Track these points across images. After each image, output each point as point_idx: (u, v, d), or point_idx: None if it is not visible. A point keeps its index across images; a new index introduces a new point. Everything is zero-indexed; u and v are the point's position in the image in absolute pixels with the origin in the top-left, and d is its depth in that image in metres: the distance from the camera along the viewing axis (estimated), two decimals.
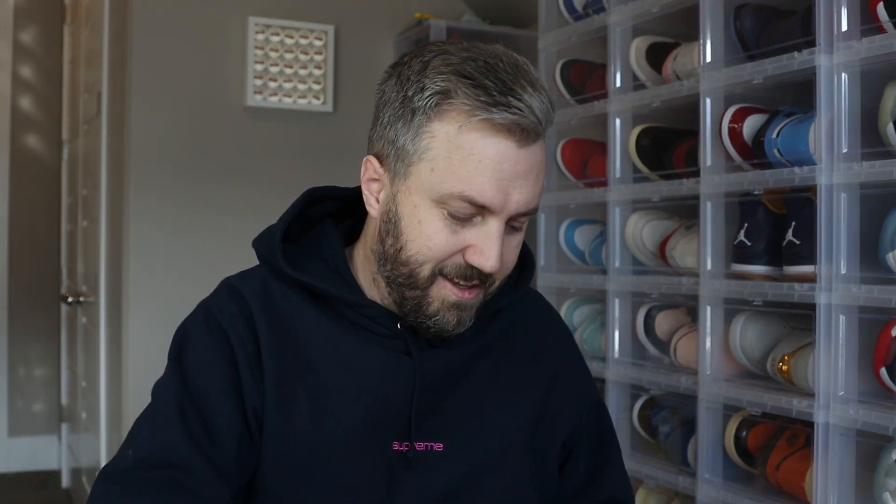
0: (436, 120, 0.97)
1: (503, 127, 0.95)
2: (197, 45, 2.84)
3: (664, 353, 2.04)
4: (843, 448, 1.58)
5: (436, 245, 0.99)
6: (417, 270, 1.01)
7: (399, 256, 1.01)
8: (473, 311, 1.04)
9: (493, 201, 0.96)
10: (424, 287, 1.01)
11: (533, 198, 1.00)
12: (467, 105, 0.95)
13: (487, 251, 0.98)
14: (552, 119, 0.99)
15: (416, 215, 0.99)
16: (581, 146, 2.31)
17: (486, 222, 0.98)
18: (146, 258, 2.78)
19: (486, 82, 0.95)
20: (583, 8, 2.26)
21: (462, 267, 1.00)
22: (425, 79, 0.98)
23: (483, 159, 0.96)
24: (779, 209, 1.75)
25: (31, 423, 4.49)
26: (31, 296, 4.48)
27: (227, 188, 2.85)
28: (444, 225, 0.98)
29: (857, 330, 1.58)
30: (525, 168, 0.98)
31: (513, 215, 0.99)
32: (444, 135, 0.97)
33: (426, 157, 0.98)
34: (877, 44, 1.51)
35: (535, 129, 0.97)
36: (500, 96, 0.95)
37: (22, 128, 4.49)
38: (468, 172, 0.96)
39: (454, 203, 0.97)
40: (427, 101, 0.97)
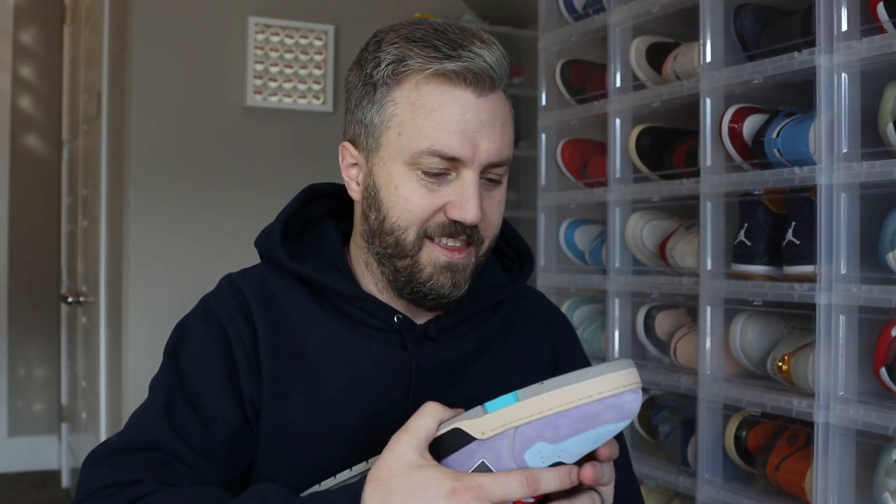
0: (395, 87, 1.00)
1: (457, 76, 0.98)
2: (197, 45, 2.84)
3: (664, 353, 2.04)
4: (843, 448, 1.58)
5: (415, 206, 1.01)
6: (403, 237, 1.02)
7: (383, 227, 1.03)
8: (468, 274, 1.05)
9: (462, 151, 0.99)
10: (413, 253, 1.03)
11: (502, 147, 1.01)
12: (420, 63, 0.99)
13: (466, 203, 1.00)
14: (507, 72, 1.02)
15: (391, 182, 1.02)
16: (581, 146, 2.31)
17: (461, 176, 1.00)
18: (146, 258, 2.78)
19: (435, 42, 0.99)
20: (583, 8, 2.26)
21: (446, 225, 1.02)
22: (380, 52, 1.02)
23: (445, 112, 0.98)
24: (779, 209, 1.75)
25: (31, 423, 4.49)
26: (31, 296, 4.48)
27: (227, 188, 2.85)
28: (420, 185, 1.00)
29: (857, 330, 1.58)
30: (488, 117, 1.00)
31: (485, 166, 1.01)
32: (406, 98, 1.00)
33: (392, 123, 1.01)
34: (877, 44, 1.51)
35: (490, 77, 0.99)
36: (451, 50, 0.98)
37: (22, 128, 4.49)
38: (433, 128, 0.98)
39: (425, 160, 0.99)
40: (384, 71, 1.01)
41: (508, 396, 0.86)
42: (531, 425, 0.84)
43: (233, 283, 1.10)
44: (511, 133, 1.04)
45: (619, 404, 0.83)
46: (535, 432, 0.84)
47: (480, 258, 1.07)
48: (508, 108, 1.05)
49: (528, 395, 0.85)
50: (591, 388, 0.83)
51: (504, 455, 0.84)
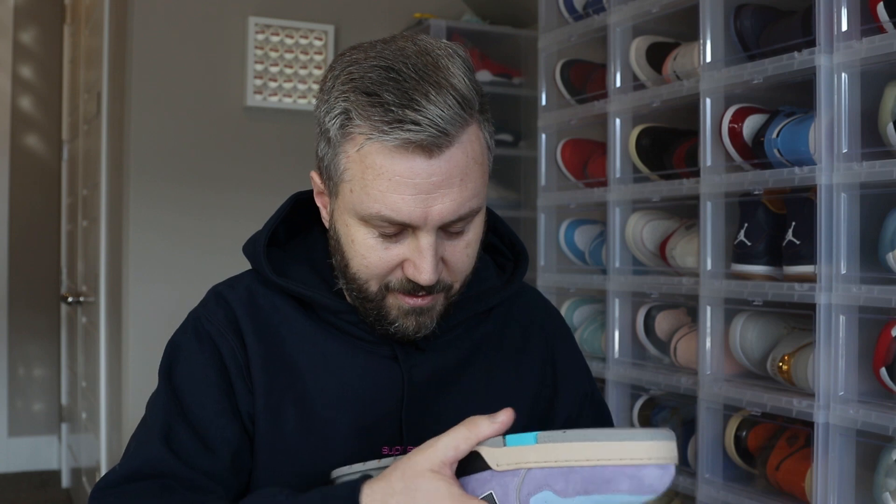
0: (345, 140, 0.95)
1: (401, 148, 0.92)
2: (197, 45, 2.84)
3: (664, 353, 2.04)
4: (843, 448, 1.58)
5: (371, 263, 0.98)
6: (365, 286, 1.00)
7: (346, 273, 1.02)
8: (435, 315, 1.02)
9: (412, 217, 0.94)
10: (378, 300, 1.01)
11: (460, 204, 0.95)
12: (363, 127, 0.93)
13: (420, 265, 0.96)
14: (468, 112, 0.94)
15: (349, 234, 0.99)
16: (581, 146, 2.31)
17: (417, 236, 0.96)
18: (146, 258, 2.78)
19: (384, 97, 0.91)
20: (583, 8, 2.26)
21: (404, 281, 0.98)
22: (331, 98, 0.96)
23: (392, 177, 0.93)
24: (779, 209, 1.75)
25: (31, 423, 4.49)
26: (31, 296, 4.48)
27: (227, 188, 2.85)
28: (377, 243, 0.97)
29: (857, 330, 1.58)
30: (442, 178, 0.93)
31: (443, 224, 0.96)
32: (356, 154, 0.94)
33: (345, 177, 0.96)
34: (877, 44, 1.51)
35: (438, 142, 0.91)
36: (398, 111, 0.90)
37: (22, 128, 4.49)
38: (380, 192, 0.93)
39: (376, 222, 0.95)
40: (334, 123, 0.96)
41: (529, 435, 0.83)
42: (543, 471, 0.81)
43: (220, 294, 1.08)
44: (478, 178, 0.97)
45: (638, 476, 0.77)
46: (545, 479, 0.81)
47: (453, 297, 1.04)
48: (475, 148, 0.96)
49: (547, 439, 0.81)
50: (612, 451, 0.78)
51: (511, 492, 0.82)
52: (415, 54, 0.94)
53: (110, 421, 3.03)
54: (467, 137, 0.95)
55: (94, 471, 3.21)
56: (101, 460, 3.06)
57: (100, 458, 3.07)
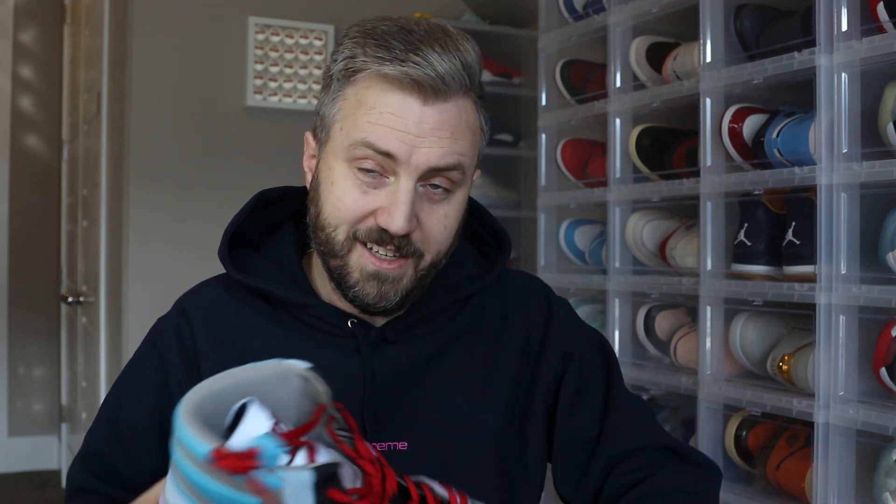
0: (346, 84, 0.98)
1: (398, 81, 0.94)
2: (197, 45, 2.84)
3: (664, 353, 2.04)
4: (843, 448, 1.58)
5: (344, 206, 0.98)
6: (333, 234, 0.99)
7: (318, 222, 1.01)
8: (400, 287, 1.00)
9: (397, 150, 0.94)
10: (343, 254, 1.00)
11: (447, 154, 0.96)
12: (369, 63, 0.96)
13: (394, 211, 0.95)
14: (468, 80, 0.96)
15: (330, 177, 0.99)
16: (581, 146, 2.31)
17: (397, 182, 0.96)
18: (146, 258, 2.78)
19: (391, 42, 0.95)
20: (583, 8, 2.26)
21: (374, 231, 0.97)
22: (340, 46, 1.00)
23: (384, 111, 0.95)
24: (779, 209, 1.75)
25: (31, 423, 4.49)
26: (31, 296, 4.48)
27: (227, 188, 2.85)
28: (354, 184, 0.97)
29: (857, 330, 1.58)
30: (432, 126, 0.95)
31: (425, 172, 0.96)
32: (353, 95, 0.97)
33: (338, 117, 0.98)
34: (877, 44, 1.51)
35: (435, 86, 0.94)
36: (401, 53, 0.94)
37: (22, 128, 4.49)
38: (369, 123, 0.95)
39: (359, 152, 0.96)
40: (339, 66, 0.98)
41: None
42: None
43: (181, 304, 1.10)
44: (467, 141, 0.98)
45: None
46: None
47: (422, 272, 1.01)
48: (470, 117, 0.98)
49: None
50: None
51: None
52: (427, 22, 0.99)
53: None
54: (464, 103, 0.97)
55: None
56: None
57: None
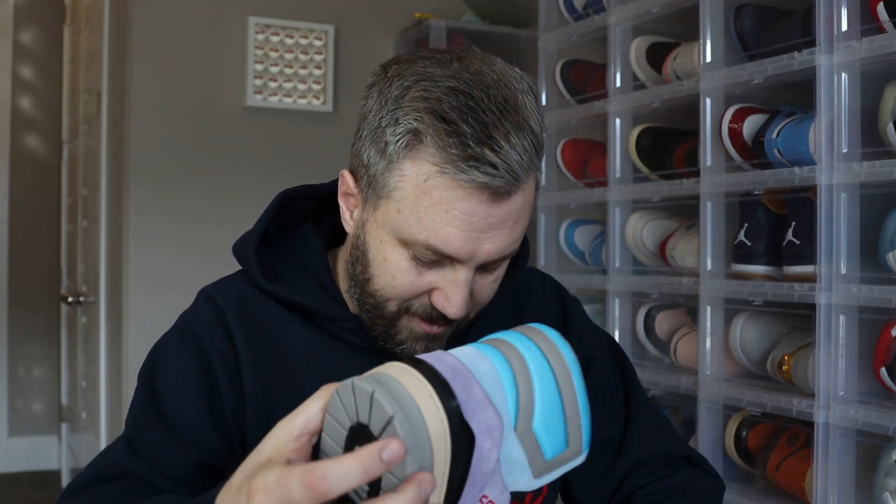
0: (406, 159, 0.90)
1: (470, 184, 0.88)
2: (197, 45, 2.84)
3: (664, 353, 2.04)
4: (843, 448, 1.58)
5: (400, 285, 0.95)
6: (384, 304, 0.97)
7: (367, 287, 0.98)
8: (444, 341, 1.00)
9: (460, 253, 0.91)
10: (392, 319, 0.98)
11: (507, 246, 0.93)
12: (436, 156, 0.88)
13: (452, 297, 0.93)
14: (539, 162, 0.92)
15: (381, 251, 0.95)
16: (581, 146, 2.31)
17: (454, 267, 0.93)
18: (146, 258, 2.78)
19: (462, 128, 0.87)
20: (583, 8, 2.26)
21: (428, 307, 0.96)
22: (400, 111, 0.90)
23: (451, 210, 0.89)
24: (779, 209, 1.75)
25: (31, 423, 4.49)
26: (31, 296, 4.48)
27: (227, 188, 2.85)
28: (410, 266, 0.94)
29: (857, 330, 1.58)
30: (499, 220, 0.91)
31: (484, 263, 0.94)
32: (414, 177, 0.90)
33: (394, 195, 0.92)
34: (877, 44, 1.51)
35: (508, 187, 0.89)
36: (475, 147, 0.86)
37: (22, 128, 4.49)
38: (434, 222, 0.89)
39: (418, 250, 0.92)
40: (399, 139, 0.90)
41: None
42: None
43: (209, 296, 1.04)
44: (527, 220, 0.95)
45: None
46: None
47: (464, 324, 1.02)
48: (531, 193, 0.94)
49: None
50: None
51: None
52: (494, 84, 0.90)
53: (110, 421, 3.03)
54: (530, 182, 0.93)
55: None
56: None
57: None
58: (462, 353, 0.75)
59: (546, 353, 0.79)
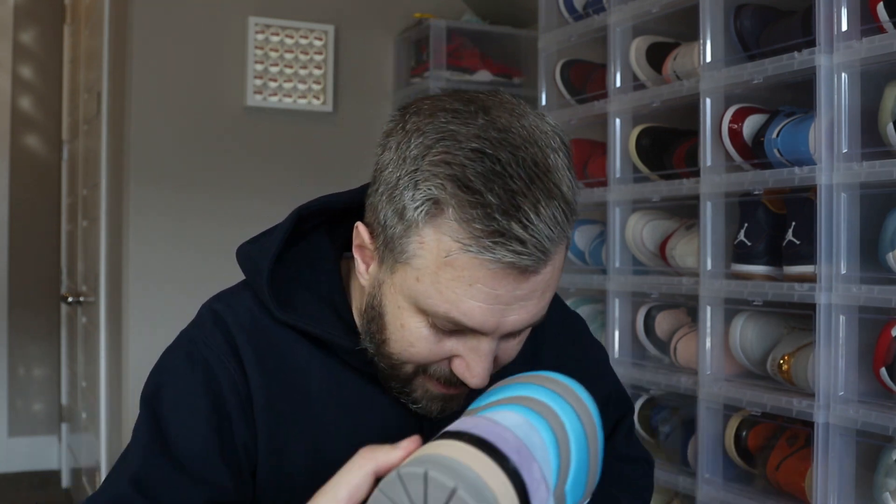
0: (426, 227, 0.83)
1: (497, 267, 0.81)
2: (197, 45, 2.84)
3: (664, 353, 2.04)
4: (843, 448, 1.58)
5: (418, 353, 0.89)
6: (399, 366, 0.92)
7: (382, 348, 0.92)
8: (462, 399, 0.95)
9: (484, 326, 0.85)
10: (407, 380, 0.93)
11: (534, 315, 0.87)
12: (460, 232, 0.81)
13: (474, 367, 0.87)
14: (569, 230, 0.85)
15: (399, 317, 0.88)
16: (581, 146, 2.31)
17: (477, 338, 0.87)
18: (146, 258, 2.78)
19: (487, 198, 0.79)
20: (583, 8, 2.26)
21: (447, 372, 0.90)
22: (420, 174, 0.82)
23: (474, 285, 0.82)
24: (779, 209, 1.75)
25: (31, 423, 4.49)
26: (31, 296, 4.48)
27: (227, 188, 2.85)
28: (430, 334, 0.88)
29: (857, 330, 1.58)
30: (526, 292, 0.84)
31: (509, 333, 0.88)
32: (435, 246, 0.82)
33: (413, 263, 0.84)
34: (877, 44, 1.51)
35: (537, 266, 0.82)
36: (502, 220, 0.79)
37: (22, 128, 4.49)
38: (456, 295, 0.83)
39: (440, 322, 0.86)
40: (418, 206, 0.82)
41: None
42: None
43: (218, 315, 0.97)
44: (555, 287, 0.88)
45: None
46: None
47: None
48: (561, 260, 0.87)
49: None
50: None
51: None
52: (522, 143, 0.83)
53: (110, 421, 3.03)
54: (562, 250, 0.86)
55: (94, 471, 3.21)
56: (101, 460, 3.06)
57: (100, 458, 3.07)
58: (514, 425, 0.73)
59: (578, 413, 0.78)
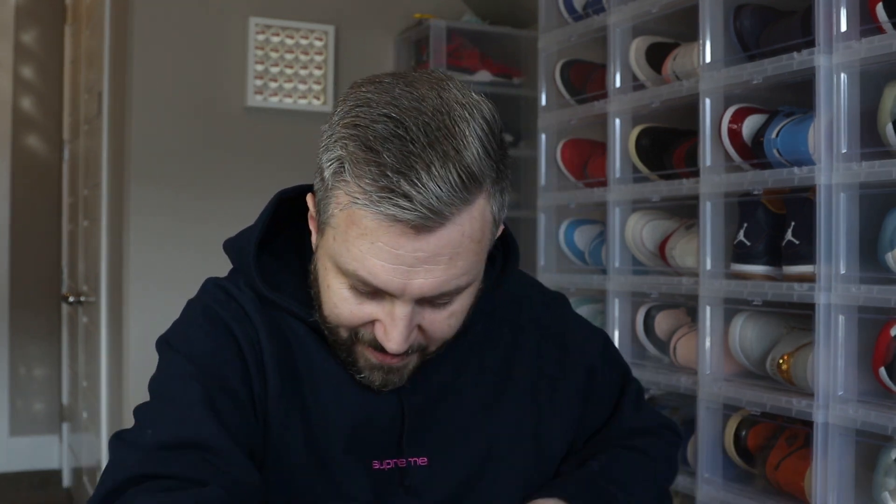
0: (336, 187, 0.88)
1: (386, 221, 0.85)
2: (197, 45, 2.85)
3: (664, 353, 2.04)
4: (843, 448, 1.58)
5: (341, 314, 0.94)
6: (335, 330, 0.96)
7: (320, 313, 0.97)
8: (406, 373, 0.98)
9: (389, 285, 0.88)
10: (347, 345, 0.97)
11: (445, 282, 0.88)
12: (352, 186, 0.86)
13: (390, 332, 0.91)
14: (474, 189, 0.86)
15: (326, 279, 0.94)
16: (581, 146, 2.31)
17: (392, 301, 0.90)
18: (147, 257, 2.79)
19: (383, 157, 0.83)
20: (583, 8, 2.26)
21: (374, 339, 0.94)
22: (332, 136, 0.89)
23: (375, 242, 0.86)
24: (778, 209, 1.75)
25: (32, 422, 4.49)
26: (32, 295, 4.49)
27: (227, 188, 2.85)
28: (350, 295, 0.92)
29: (857, 330, 1.58)
30: (430, 254, 0.86)
31: (419, 299, 0.90)
32: (345, 205, 0.87)
33: (331, 223, 0.90)
34: (876, 44, 1.51)
35: (427, 223, 0.84)
36: (392, 176, 0.82)
37: (23, 128, 4.50)
38: (361, 252, 0.87)
39: (350, 279, 0.90)
40: (329, 165, 0.89)
41: None
42: None
43: (228, 291, 1.03)
44: (471, 256, 0.89)
45: None
46: None
47: (428, 356, 0.99)
48: (475, 225, 0.87)
49: None
50: None
51: None
52: (432, 110, 0.86)
53: (111, 420, 3.03)
54: (467, 216, 0.87)
55: (94, 470, 3.21)
56: (102, 460, 3.06)
57: (100, 457, 3.07)
58: None
59: None
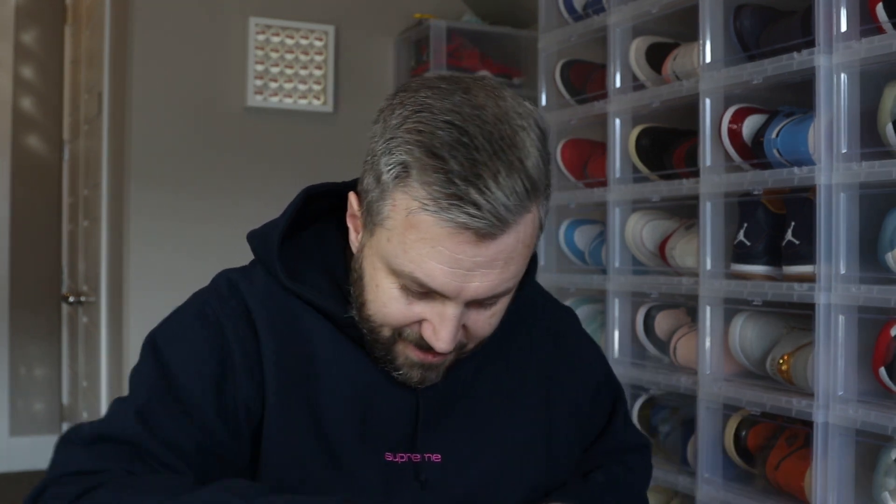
0: (397, 190, 0.90)
1: (453, 227, 0.87)
2: (197, 45, 2.85)
3: (664, 353, 2.04)
4: (843, 448, 1.58)
5: (390, 313, 0.95)
6: (378, 329, 0.98)
7: (362, 311, 0.99)
8: (442, 369, 1.01)
9: (445, 289, 0.91)
10: (388, 345, 0.99)
11: (497, 285, 0.92)
12: (420, 192, 0.88)
13: (440, 331, 0.93)
14: (531, 203, 0.90)
15: (375, 278, 0.96)
16: (581, 146, 2.31)
17: (443, 302, 0.93)
18: (147, 257, 2.79)
19: (450, 164, 0.86)
20: (583, 8, 2.26)
21: (419, 337, 0.96)
22: (394, 140, 0.90)
23: (436, 246, 0.88)
24: (778, 209, 1.75)
25: (32, 422, 4.49)
26: (32, 295, 4.49)
27: (228, 188, 2.86)
28: (400, 295, 0.94)
29: (857, 330, 1.58)
30: (488, 259, 0.89)
31: (471, 301, 0.93)
32: (403, 208, 0.89)
33: (386, 224, 0.92)
34: (876, 44, 1.51)
35: (493, 229, 0.87)
36: (461, 185, 0.85)
37: (23, 128, 4.50)
38: (420, 255, 0.89)
39: (405, 281, 0.92)
40: (389, 169, 0.90)
41: None
42: None
43: (234, 283, 1.04)
44: (521, 261, 0.93)
45: None
46: None
47: (465, 354, 1.02)
48: (528, 231, 0.91)
49: None
50: None
51: None
52: (493, 119, 0.89)
53: None
54: (523, 223, 0.90)
55: None
56: None
57: None
58: None
59: None
